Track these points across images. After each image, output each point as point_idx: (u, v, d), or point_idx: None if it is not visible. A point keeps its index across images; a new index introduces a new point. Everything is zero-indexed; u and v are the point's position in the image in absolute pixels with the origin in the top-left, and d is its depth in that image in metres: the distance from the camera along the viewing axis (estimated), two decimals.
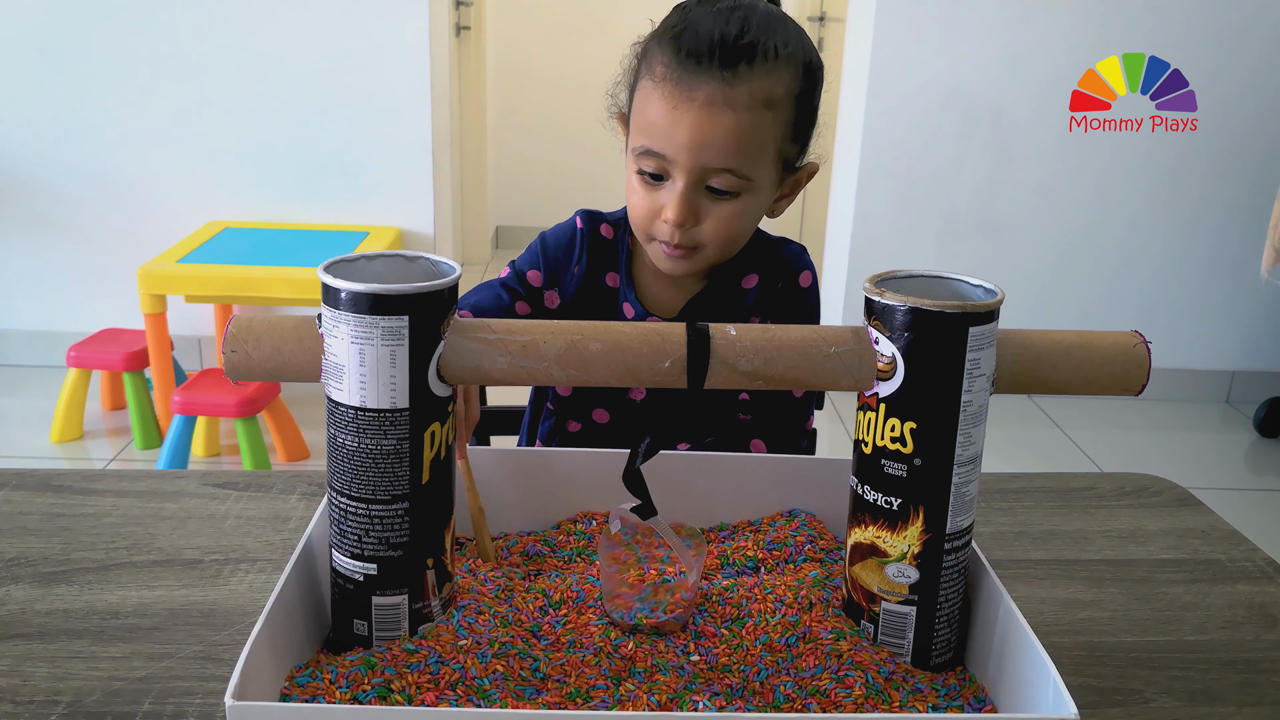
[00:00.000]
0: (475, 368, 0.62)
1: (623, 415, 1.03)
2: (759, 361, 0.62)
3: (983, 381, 0.61)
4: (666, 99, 0.88)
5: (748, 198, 0.92)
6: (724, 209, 0.91)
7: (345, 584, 0.63)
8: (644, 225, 0.94)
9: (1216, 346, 3.02)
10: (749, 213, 0.93)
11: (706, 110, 0.86)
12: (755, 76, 0.87)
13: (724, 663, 0.65)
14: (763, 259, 1.03)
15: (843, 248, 2.97)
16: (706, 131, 0.87)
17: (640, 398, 1.03)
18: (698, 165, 0.88)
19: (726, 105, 0.86)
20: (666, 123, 0.88)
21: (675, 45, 0.88)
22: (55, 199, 2.79)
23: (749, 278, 1.03)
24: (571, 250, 1.03)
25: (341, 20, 2.68)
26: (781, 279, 1.03)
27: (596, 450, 0.81)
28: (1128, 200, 2.88)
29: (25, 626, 0.72)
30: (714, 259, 0.96)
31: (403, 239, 2.83)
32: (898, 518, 0.63)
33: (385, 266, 0.64)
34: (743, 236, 0.96)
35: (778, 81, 0.89)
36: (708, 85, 0.86)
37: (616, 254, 1.03)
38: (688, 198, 0.90)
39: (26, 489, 0.91)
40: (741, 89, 0.86)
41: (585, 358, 0.62)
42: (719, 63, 0.86)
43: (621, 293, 1.02)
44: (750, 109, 0.87)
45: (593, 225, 1.03)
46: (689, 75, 0.87)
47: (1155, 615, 0.78)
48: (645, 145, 0.90)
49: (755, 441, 1.01)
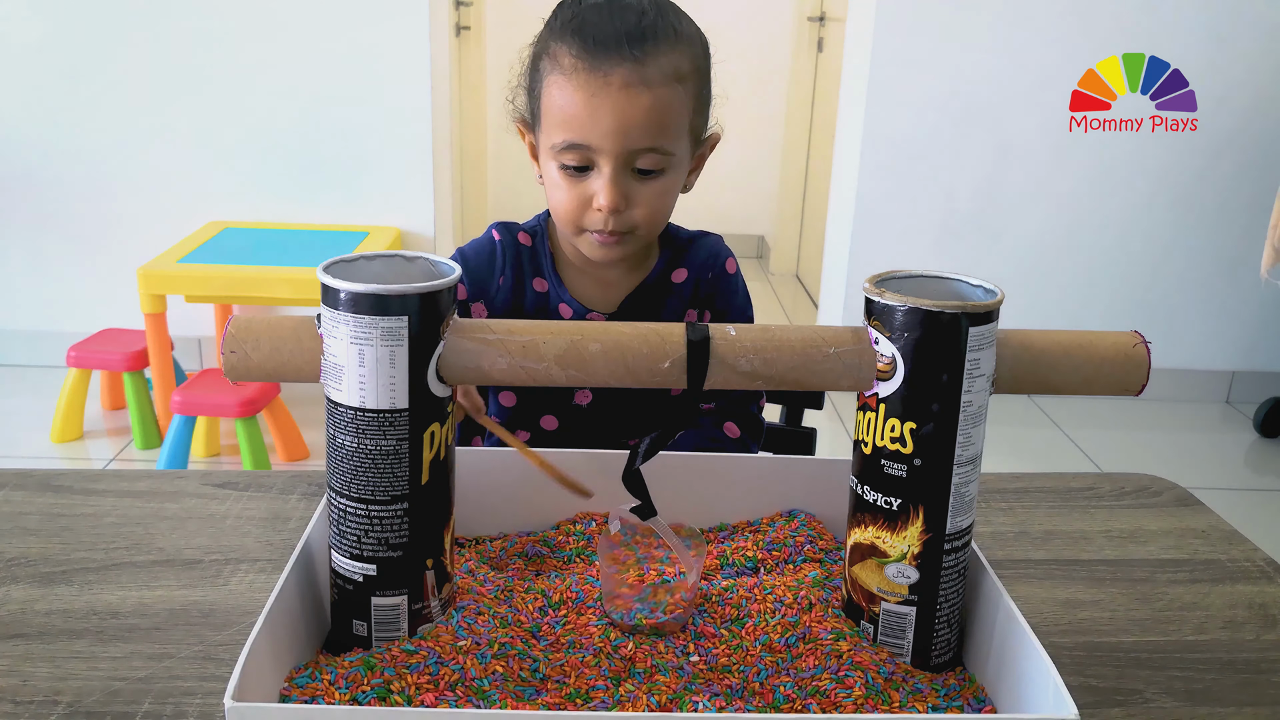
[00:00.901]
0: (475, 368, 0.62)
1: (571, 420, 1.03)
2: (758, 362, 0.62)
3: (982, 382, 0.61)
4: (582, 88, 0.89)
5: (671, 174, 0.94)
6: (652, 188, 0.93)
7: (345, 585, 0.63)
8: (573, 218, 0.95)
9: (1216, 346, 3.02)
10: (673, 189, 0.96)
11: (624, 92, 0.88)
12: (663, 54, 0.90)
13: (724, 663, 0.65)
14: (687, 253, 1.06)
15: (843, 248, 2.97)
16: (627, 113, 0.89)
17: (587, 403, 1.03)
18: (624, 149, 0.90)
19: (643, 84, 0.89)
20: (586, 111, 0.89)
21: (579, 37, 0.90)
22: (55, 199, 2.79)
23: (678, 272, 1.05)
24: (493, 261, 1.03)
25: (341, 20, 2.68)
26: (709, 270, 1.06)
27: (596, 451, 0.81)
28: (1128, 200, 2.88)
29: (25, 626, 0.72)
30: (645, 240, 0.99)
31: (403, 239, 2.83)
32: (897, 518, 0.63)
33: (385, 267, 0.64)
34: (668, 214, 0.98)
35: (683, 57, 0.92)
36: (621, 68, 0.88)
37: (539, 259, 1.04)
38: (617, 182, 0.91)
39: (26, 489, 0.91)
40: (653, 67, 0.89)
41: (585, 358, 0.62)
42: (628, 45, 0.88)
43: (553, 294, 1.03)
44: (665, 84, 0.90)
45: (510, 235, 1.04)
46: (601, 62, 0.88)
47: (1155, 615, 0.78)
48: (567, 139, 0.91)
49: (728, 424, 1.04)
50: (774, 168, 4.26)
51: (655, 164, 0.92)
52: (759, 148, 4.23)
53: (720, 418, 1.05)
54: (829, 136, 3.32)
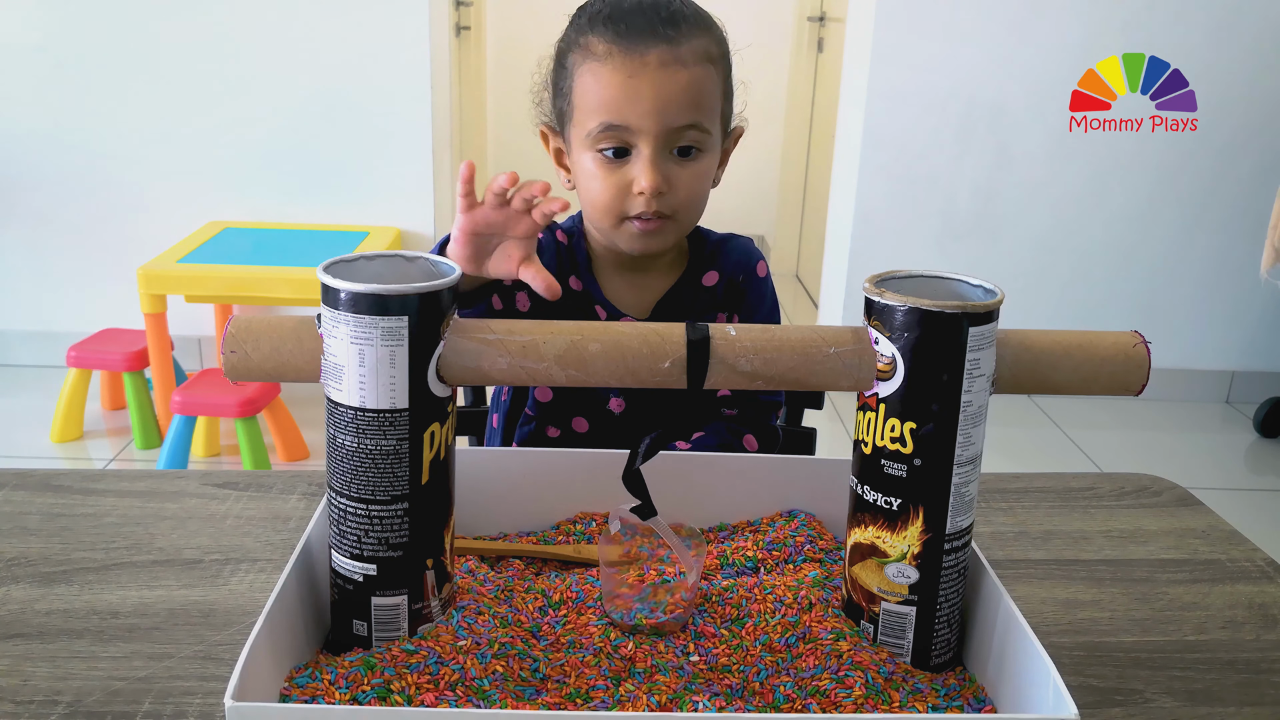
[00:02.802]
0: (475, 368, 0.62)
1: (601, 426, 1.03)
2: (759, 362, 0.62)
3: (982, 382, 0.61)
4: (619, 70, 0.91)
5: (708, 156, 0.96)
6: (690, 170, 0.94)
7: (345, 584, 0.63)
8: (613, 206, 0.95)
9: (1216, 346, 3.02)
10: (709, 173, 0.97)
11: (662, 71, 0.90)
12: (695, 35, 0.92)
13: (724, 663, 0.65)
14: (718, 256, 1.06)
15: (843, 248, 2.97)
16: (667, 89, 0.90)
17: (620, 410, 1.03)
18: (664, 127, 0.91)
19: (678, 63, 0.91)
20: (624, 93, 0.91)
21: (610, 25, 0.92)
22: (56, 199, 2.79)
23: (709, 275, 1.05)
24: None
25: (342, 20, 2.68)
26: (740, 273, 1.06)
27: (596, 451, 0.81)
28: (1128, 200, 2.88)
29: (25, 626, 0.72)
30: (683, 229, 0.99)
31: (403, 239, 2.83)
32: (897, 518, 0.63)
33: (385, 267, 0.64)
34: (704, 201, 0.99)
35: (711, 40, 0.94)
36: (657, 48, 0.90)
37: (576, 258, 1.04)
38: (657, 163, 0.92)
39: (26, 489, 0.91)
40: (686, 47, 0.91)
41: (585, 358, 0.62)
42: (662, 26, 0.91)
43: (590, 295, 1.03)
44: (699, 63, 0.92)
45: (549, 232, 1.04)
46: (636, 44, 0.90)
47: (1155, 615, 0.78)
48: (605, 121, 0.92)
49: (747, 437, 1.04)
50: (774, 168, 4.26)
51: (694, 140, 0.93)
52: (759, 148, 4.22)
53: (741, 429, 1.05)
54: (829, 136, 3.32)
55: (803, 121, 4.05)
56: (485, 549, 0.77)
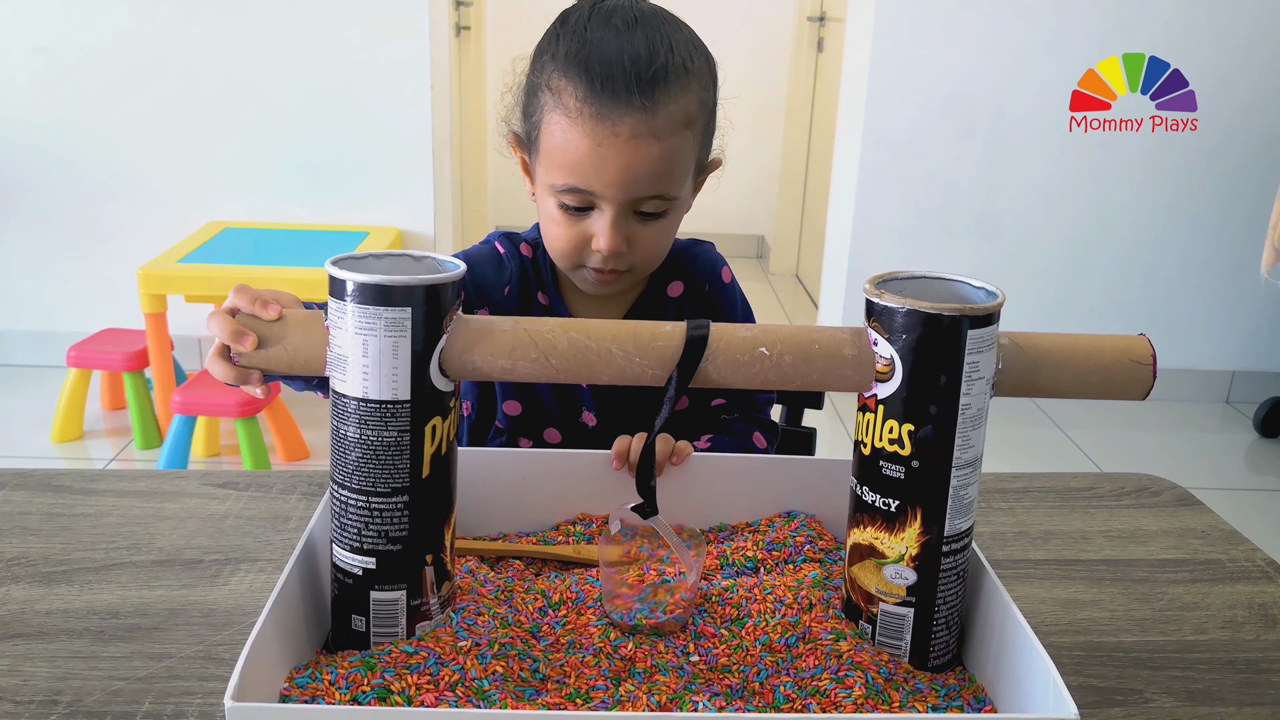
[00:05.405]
0: (477, 362, 0.62)
1: (575, 439, 1.03)
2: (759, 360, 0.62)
3: (982, 384, 0.61)
4: (588, 136, 0.84)
5: (675, 213, 0.92)
6: (653, 229, 0.91)
7: (345, 579, 0.63)
8: (571, 255, 0.92)
9: (1216, 346, 3.02)
10: (674, 227, 0.94)
11: (633, 144, 0.84)
12: (673, 99, 0.85)
13: (724, 663, 0.65)
14: (681, 264, 1.04)
15: (843, 248, 2.97)
16: (634, 165, 0.85)
17: (593, 424, 1.03)
18: (629, 197, 0.87)
19: (651, 136, 0.84)
20: (591, 160, 0.85)
21: (585, 76, 0.84)
22: (55, 199, 2.79)
23: (673, 285, 1.03)
24: (500, 271, 1.01)
25: (341, 20, 2.68)
26: (705, 281, 1.04)
27: (596, 451, 0.81)
28: (1128, 200, 2.88)
29: (25, 626, 0.72)
30: (640, 275, 0.97)
31: (403, 239, 2.83)
32: (895, 519, 0.63)
33: (392, 265, 0.64)
34: (666, 250, 0.97)
35: (692, 98, 0.87)
36: (630, 117, 0.84)
37: (541, 273, 1.02)
38: (618, 226, 0.88)
39: (26, 489, 0.91)
40: (662, 116, 0.85)
41: (586, 355, 0.62)
42: (638, 93, 0.83)
43: (555, 309, 1.02)
44: (673, 134, 0.86)
45: (514, 246, 1.02)
46: (608, 109, 0.84)
47: (1155, 615, 0.78)
48: (569, 183, 0.87)
49: (756, 435, 1.04)
50: (774, 168, 4.26)
51: (658, 208, 0.89)
52: (759, 148, 4.23)
53: (748, 427, 1.04)
54: (829, 136, 3.32)
55: (803, 121, 4.05)
56: (485, 549, 0.77)
